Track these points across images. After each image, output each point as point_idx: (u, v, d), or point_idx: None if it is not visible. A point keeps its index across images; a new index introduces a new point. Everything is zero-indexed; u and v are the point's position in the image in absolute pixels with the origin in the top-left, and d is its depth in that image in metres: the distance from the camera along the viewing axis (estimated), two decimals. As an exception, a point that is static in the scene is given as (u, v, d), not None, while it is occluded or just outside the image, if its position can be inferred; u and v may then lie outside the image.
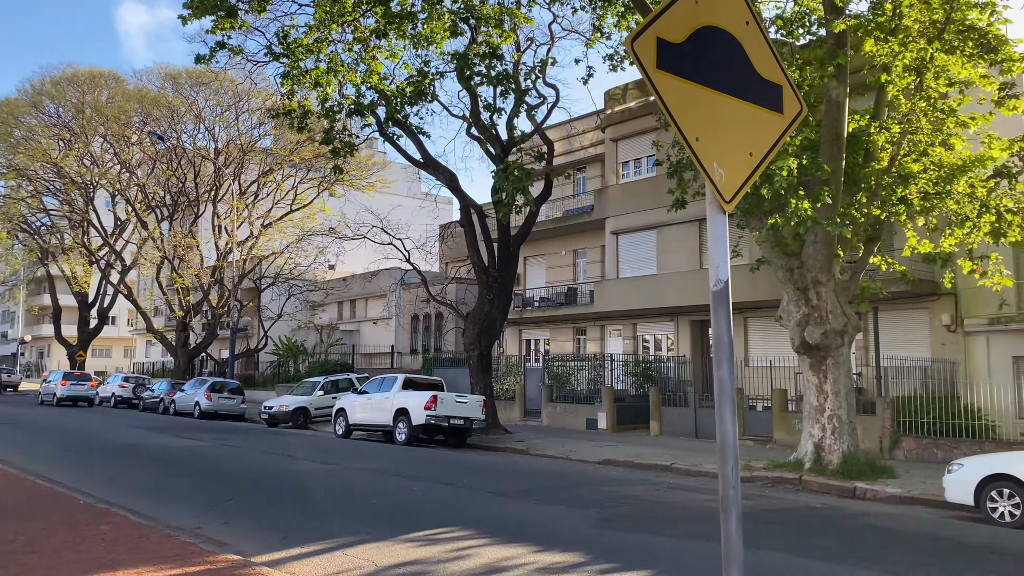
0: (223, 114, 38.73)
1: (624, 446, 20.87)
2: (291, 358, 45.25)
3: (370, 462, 15.39)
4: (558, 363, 27.91)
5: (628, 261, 28.86)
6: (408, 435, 20.87)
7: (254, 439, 20.35)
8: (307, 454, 16.64)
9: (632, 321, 29.94)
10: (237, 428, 25.34)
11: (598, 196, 30.14)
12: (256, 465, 14.14)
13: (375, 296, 47.04)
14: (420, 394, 21.34)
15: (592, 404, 26.10)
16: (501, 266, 23.79)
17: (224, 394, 31.47)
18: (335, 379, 30.23)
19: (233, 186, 39.25)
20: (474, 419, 21.26)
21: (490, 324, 23.76)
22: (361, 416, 22.84)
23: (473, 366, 23.71)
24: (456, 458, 17.60)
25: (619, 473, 16.27)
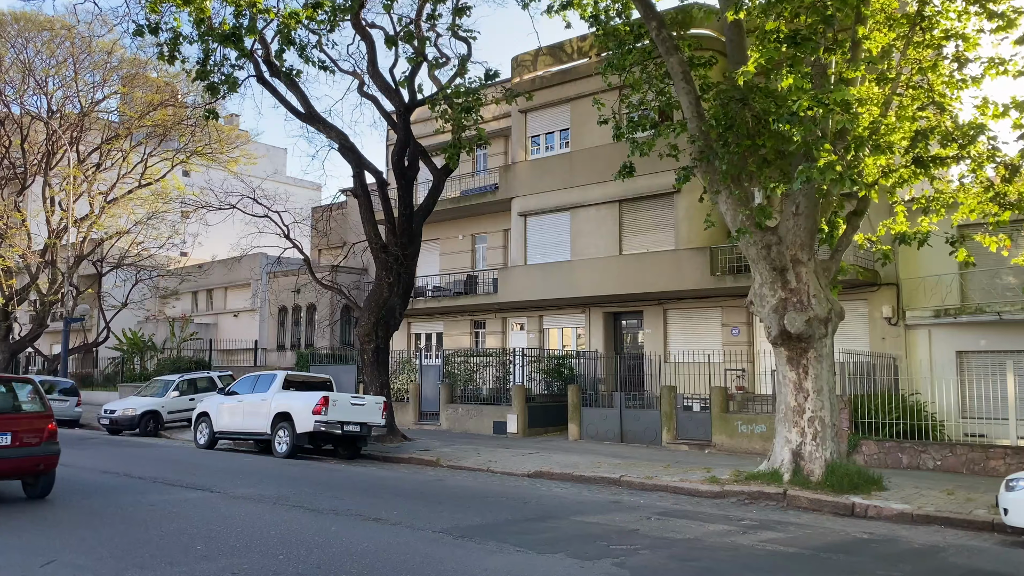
0: (59, 66, 32.86)
1: (549, 454, 18.00)
2: (137, 354, 39.57)
3: (254, 485, 11.70)
4: (460, 359, 24.71)
5: (537, 246, 26.04)
6: (291, 445, 17.10)
7: (91, 452, 15.99)
8: (166, 473, 12.69)
9: (538, 313, 27.19)
10: (70, 437, 20.54)
11: (503, 174, 27.17)
12: (96, 497, 10.18)
13: (236, 285, 42.07)
14: (306, 395, 17.61)
15: (499, 405, 23.10)
16: (402, 244, 20.36)
17: (55, 395, 26.15)
18: (192, 377, 25.75)
19: (70, 154, 33.45)
20: (373, 424, 17.77)
21: (388, 312, 20.29)
22: (229, 422, 18.80)
23: (368, 361, 20.15)
24: (359, 475, 14.11)
25: (565, 490, 13.33)
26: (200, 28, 15.38)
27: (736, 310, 22.85)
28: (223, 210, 22.39)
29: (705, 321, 23.55)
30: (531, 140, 26.66)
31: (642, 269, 23.14)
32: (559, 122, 25.86)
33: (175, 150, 37.21)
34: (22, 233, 35.05)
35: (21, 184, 35.22)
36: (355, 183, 20.90)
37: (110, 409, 23.87)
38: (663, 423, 19.88)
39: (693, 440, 19.39)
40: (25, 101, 34.08)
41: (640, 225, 23.86)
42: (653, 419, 20.34)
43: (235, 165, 39.32)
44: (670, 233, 23.18)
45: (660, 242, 23.35)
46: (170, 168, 37.18)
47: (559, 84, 25.61)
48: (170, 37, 15.24)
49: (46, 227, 34.71)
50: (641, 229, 23.83)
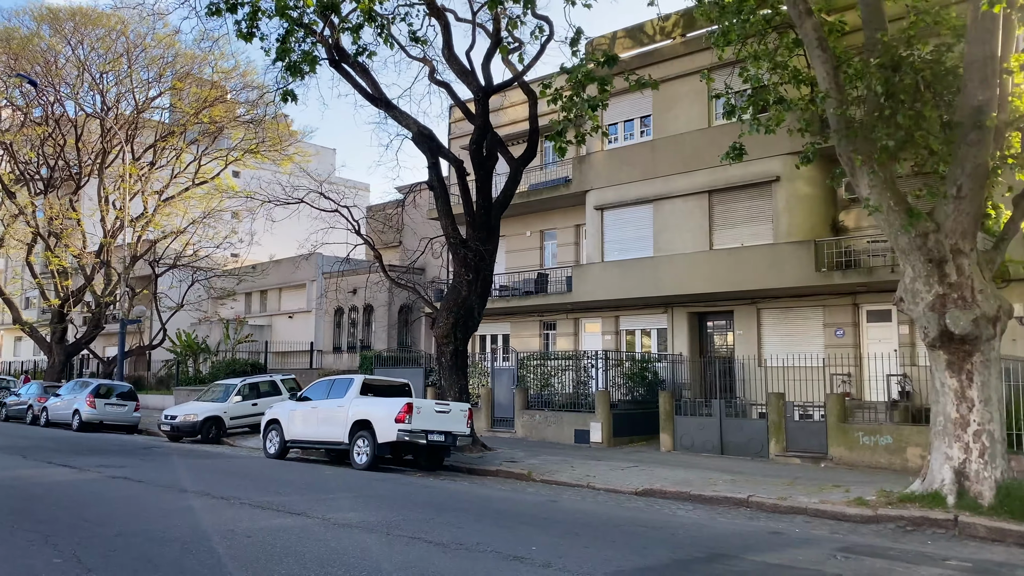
0: (115, 61, 32.07)
1: (648, 468, 16.39)
2: (191, 356, 38.77)
3: (352, 508, 10.31)
4: (535, 362, 23.19)
5: (615, 241, 24.43)
6: (372, 456, 15.72)
7: (160, 464, 14.77)
8: (248, 491, 11.36)
9: (615, 313, 25.57)
10: (131, 445, 19.46)
11: (577, 165, 25.59)
12: (178, 518, 8.85)
13: (291, 286, 41.15)
14: (388, 401, 16.22)
15: (579, 412, 21.53)
16: (481, 239, 18.90)
17: (112, 400, 25.27)
18: (255, 381, 24.59)
19: (126, 152, 32.64)
20: (458, 434, 16.30)
21: (467, 312, 18.83)
22: (302, 430, 17.50)
23: (446, 364, 18.72)
24: (458, 493, 12.65)
25: (696, 514, 11.72)
26: (279, 3, 14.08)
27: (840, 309, 21.00)
28: (290, 204, 21.14)
29: (805, 322, 21.72)
30: (608, 128, 25.03)
31: (735, 265, 21.40)
32: (639, 109, 24.23)
33: (227, 149, 36.34)
34: (77, 234, 34.42)
35: (76, 184, 34.57)
36: (430, 175, 19.51)
37: (171, 415, 22.80)
38: (770, 433, 18.14)
39: (805, 452, 17.61)
40: (80, 99, 33.41)
41: (733, 217, 22.12)
42: (758, 429, 18.60)
43: (288, 164, 38.36)
44: (767, 226, 21.42)
45: (756, 236, 21.60)
46: (224, 167, 36.33)
47: (639, 68, 23.80)
48: (248, 12, 13.98)
49: (101, 227, 34.02)
50: (734, 222, 22.10)
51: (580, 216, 26.73)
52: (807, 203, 21.07)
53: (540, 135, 20.93)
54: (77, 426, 24.63)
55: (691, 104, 22.74)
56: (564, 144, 15.88)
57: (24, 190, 36.37)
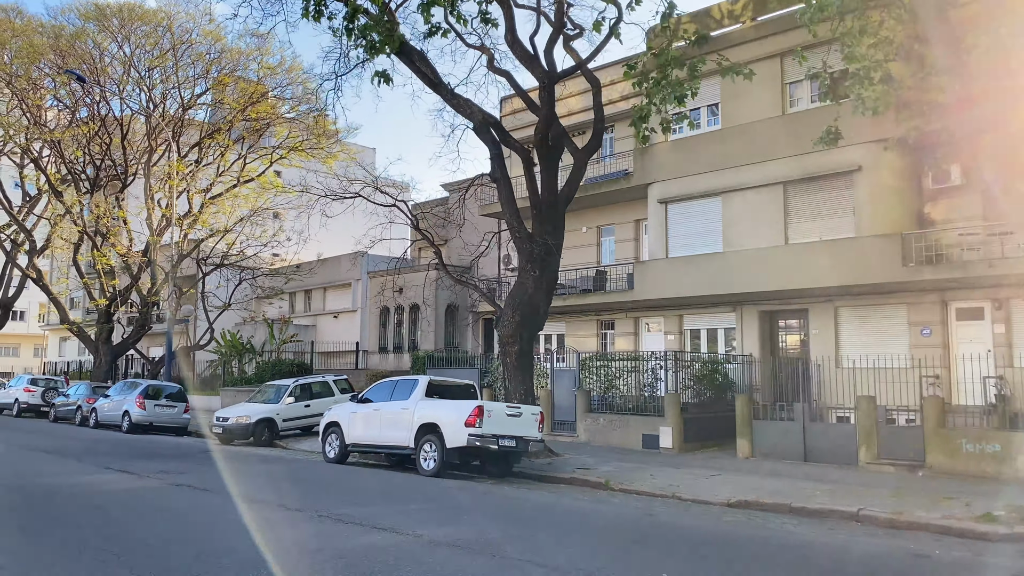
0: (161, 57, 31.64)
1: (733, 476, 15.34)
2: (235, 357, 38.31)
3: (432, 519, 9.44)
4: (598, 363, 22.17)
5: (681, 236, 23.32)
6: (440, 462, 14.83)
7: (221, 470, 14.01)
8: (322, 500, 10.53)
9: (678, 312, 24.46)
10: (185, 449, 18.81)
11: (639, 157, 24.52)
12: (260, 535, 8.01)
13: (336, 285, 40.54)
14: (456, 404, 15.33)
15: (647, 415, 20.45)
16: (548, 233, 17.96)
17: (161, 401, 24.74)
18: (307, 382, 23.88)
19: (173, 148, 32.20)
20: (529, 439, 15.35)
21: (532, 311, 17.89)
22: (364, 433, 16.68)
23: (511, 365, 17.78)
24: (546, 505, 11.71)
25: (809, 530, 10.64)
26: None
27: (928, 307, 19.71)
28: (347, 198, 20.38)
29: (887, 320, 20.44)
30: (673, 117, 23.88)
31: (812, 260, 20.21)
32: (706, 96, 23.06)
33: (271, 147, 35.82)
34: (123, 233, 34.13)
35: (122, 183, 34.26)
36: (493, 166, 18.60)
37: (222, 417, 22.16)
38: (859, 439, 16.93)
39: (899, 460, 16.38)
40: (125, 96, 33.05)
41: (810, 210, 20.92)
42: (845, 435, 17.41)
43: (332, 161, 37.76)
44: (848, 219, 20.19)
45: (835, 229, 20.38)
46: (269, 165, 35.80)
47: (705, 54, 22.75)
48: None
49: (146, 226, 33.69)
50: (812, 215, 20.89)
51: (640, 211, 25.66)
52: (891, 194, 19.82)
53: (605, 124, 19.98)
54: (127, 428, 24.13)
55: (763, 91, 21.56)
56: (647, 131, 14.84)
57: (71, 189, 36.20)
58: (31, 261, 35.53)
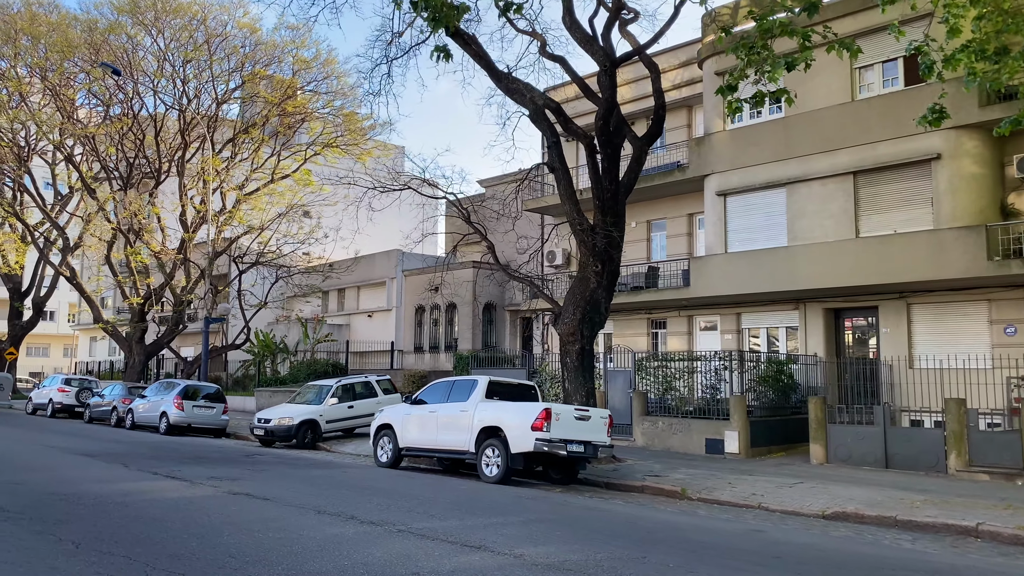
0: (196, 50, 30.98)
1: (816, 484, 14.26)
2: (268, 357, 37.64)
3: (523, 536, 8.51)
4: (655, 363, 21.14)
5: (741, 230, 22.21)
6: (504, 468, 13.88)
7: (274, 476, 13.15)
8: (393, 513, 9.61)
9: (735, 310, 23.37)
10: (230, 452, 18.01)
11: (694, 148, 23.44)
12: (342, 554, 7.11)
13: (369, 284, 39.71)
14: (521, 407, 14.40)
15: (710, 419, 19.40)
16: (610, 225, 16.97)
17: (199, 402, 24.01)
18: (350, 382, 23.06)
19: (208, 143, 31.57)
20: (598, 444, 14.37)
21: (593, 307, 16.90)
22: (418, 436, 15.77)
23: (571, 365, 16.79)
24: (633, 517, 10.73)
25: (933, 549, 9.59)
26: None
27: (1012, 304, 18.51)
28: (396, 191, 19.48)
29: (966, 318, 19.24)
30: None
31: (885, 255, 19.05)
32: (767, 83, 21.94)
33: (305, 144, 35.10)
34: (157, 230, 33.56)
35: (156, 180, 33.68)
36: (550, 155, 17.65)
37: (264, 418, 21.37)
38: (948, 445, 15.78)
39: (994, 467, 15.23)
40: (159, 91, 32.45)
41: (883, 201, 19.75)
42: (932, 440, 16.28)
43: (367, 158, 37.01)
44: (925, 210, 19.02)
45: (911, 221, 19.21)
46: (303, 161, 35.08)
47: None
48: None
49: (180, 224, 33.09)
50: (885, 206, 19.73)
51: (694, 204, 24.61)
52: (973, 183, 18.62)
53: (667, 110, 18.96)
54: (165, 429, 23.42)
55: (831, 76, 20.44)
56: (739, 103, 13.82)
57: (103, 187, 35.72)
58: (64, 259, 35.04)
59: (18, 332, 44.10)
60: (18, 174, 34.74)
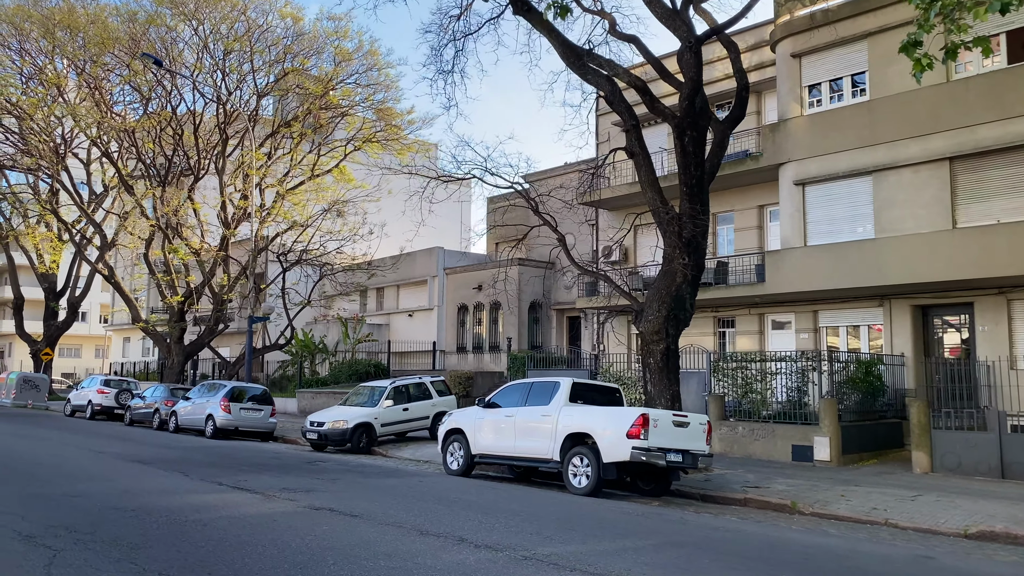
0: (239, 40, 30.02)
1: (944, 497, 12.89)
2: (308, 357, 36.68)
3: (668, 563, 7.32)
4: (732, 365, 19.81)
5: (821, 222, 20.83)
6: (596, 479, 12.65)
7: (347, 487, 12.01)
8: (502, 533, 8.44)
9: (812, 307, 21.98)
10: (288, 458, 16.93)
11: (768, 135, 22.07)
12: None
13: (410, 283, 38.64)
14: (612, 412, 13.19)
15: (795, 424, 18.05)
16: (697, 213, 15.70)
17: (246, 404, 23.00)
18: (404, 384, 21.92)
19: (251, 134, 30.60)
20: (697, 453, 13.10)
21: (679, 303, 15.63)
22: (493, 443, 14.58)
23: (655, 367, 15.53)
24: (754, 536, 9.49)
25: None
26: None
27: None
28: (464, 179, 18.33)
29: (1076, 314, 17.76)
30: (808, 90, 21.46)
31: (987, 246, 17.60)
32: (849, 65, 20.59)
33: (345, 140, 34.09)
34: (196, 228, 32.70)
35: (195, 176, 32.82)
36: (629, 139, 16.43)
37: (317, 421, 20.30)
38: (1078, 454, 14.36)
39: None
40: (199, 83, 31.56)
41: (984, 189, 18.29)
42: (1057, 447, 14.84)
43: (406, 154, 35.96)
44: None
45: (1018, 210, 17.73)
46: (343, 156, 34.07)
47: (849, 17, 20.33)
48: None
49: (219, 221, 32.20)
50: (986, 194, 18.26)
51: (764, 195, 23.26)
52: (1088, 167, 17.13)
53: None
54: (211, 433, 22.43)
55: (921, 56, 18.99)
56: (927, 60, 12.39)
57: (140, 184, 34.94)
58: (102, 257, 34.29)
59: (53, 332, 43.56)
60: (55, 170, 34.01)
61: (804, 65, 21.40)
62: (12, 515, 8.32)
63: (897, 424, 19.41)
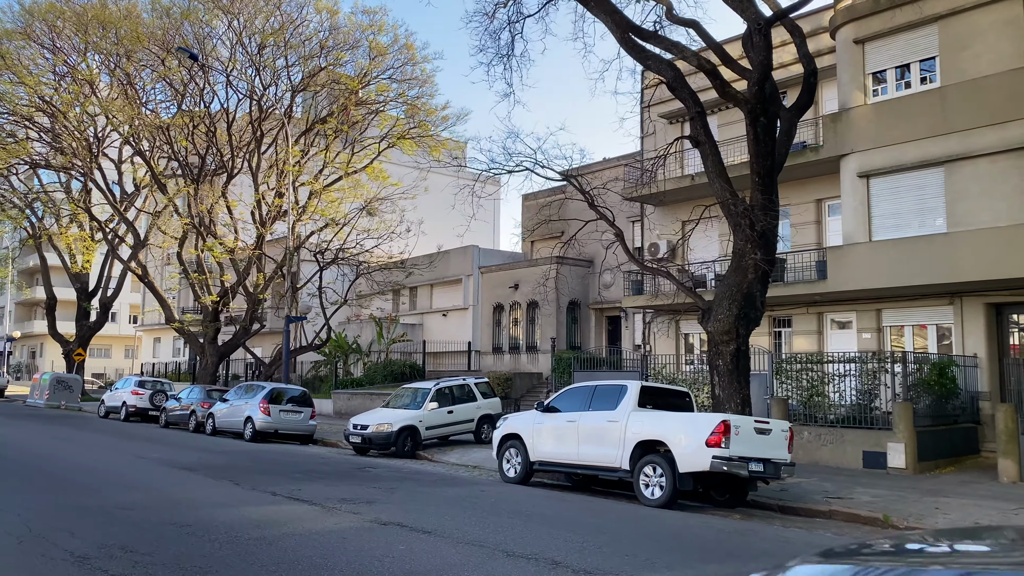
0: (276, 33, 29.40)
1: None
2: (341, 358, 36.07)
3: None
4: (796, 366, 18.84)
5: (887, 216, 19.79)
6: (671, 490, 11.78)
7: (406, 497, 11.24)
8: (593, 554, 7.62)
9: (875, 305, 20.93)
10: (337, 464, 16.21)
11: (829, 125, 21.05)
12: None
13: (443, 282, 37.91)
14: (687, 418, 12.36)
15: (866, 428, 17.06)
16: (770, 205, 14.81)
17: (285, 406, 22.35)
18: (448, 385, 21.16)
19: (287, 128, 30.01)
20: (779, 462, 12.19)
21: (749, 301, 14.73)
22: (554, 450, 13.76)
23: (723, 369, 14.63)
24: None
25: None
26: None
27: None
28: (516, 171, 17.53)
29: None
30: (872, 77, 20.42)
31: (1073, 240, 16.52)
32: (917, 50, 19.54)
33: (379, 137, 33.43)
34: (231, 226, 32.19)
35: (228, 174, 32.31)
36: (694, 127, 15.54)
37: (361, 424, 19.59)
38: None
39: None
40: (232, 79, 31.00)
41: (1071, 179, 17.21)
42: None
43: (439, 151, 35.25)
44: None
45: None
46: (377, 153, 33.42)
47: (916, 0, 19.27)
48: None
49: (252, 220, 31.65)
50: (1072, 184, 17.18)
51: (824, 188, 22.24)
52: None
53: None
54: (250, 436, 21.79)
55: (997, 39, 17.97)
56: None
57: (172, 182, 34.53)
58: (136, 256, 33.88)
59: (85, 333, 43.33)
60: (89, 168, 33.65)
61: (867, 51, 20.36)
62: (61, 531, 7.64)
63: (972, 429, 18.37)
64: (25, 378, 70.75)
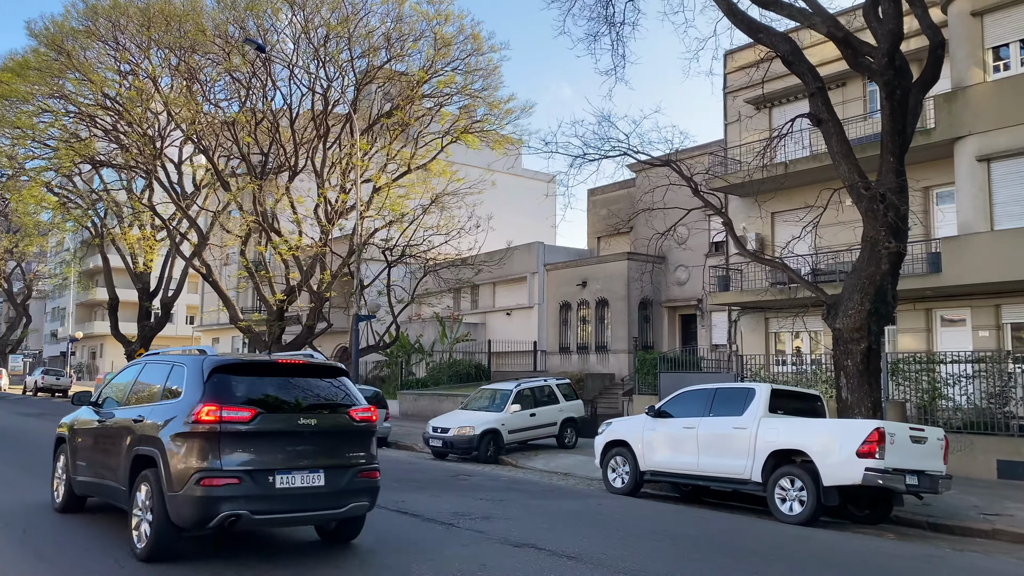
0: (343, 23, 28.59)
1: None
2: (403, 358, 35.20)
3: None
4: (917, 366, 17.31)
5: (1009, 203, 18.14)
6: (814, 506, 10.47)
7: (522, 512, 10.12)
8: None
9: (993, 301, 19.25)
10: (431, 471, 15.19)
11: (944, 105, 19.42)
12: None
13: (507, 280, 36.80)
14: (835, 425, 11.07)
15: (1000, 435, 15.50)
16: (900, 188, 13.41)
17: (357, 408, 21.42)
18: (530, 386, 20.06)
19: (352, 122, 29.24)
20: (935, 474, 10.81)
21: (881, 296, 13.33)
22: (669, 459, 12.52)
23: (852, 370, 13.22)
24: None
25: None
26: None
27: None
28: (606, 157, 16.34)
29: None
30: (992, 52, 18.77)
31: None
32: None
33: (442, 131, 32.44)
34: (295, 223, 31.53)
35: (292, 171, 31.66)
36: (814, 104, 14.15)
37: (441, 427, 18.59)
38: None
39: None
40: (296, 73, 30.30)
41: None
42: None
43: (502, 147, 34.18)
44: None
45: None
46: (440, 149, 32.43)
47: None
48: None
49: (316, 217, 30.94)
50: None
51: (932, 175, 20.62)
52: None
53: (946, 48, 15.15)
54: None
55: None
56: None
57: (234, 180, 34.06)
58: (200, 255, 33.44)
59: (147, 333, 43.20)
60: (152, 166, 33.34)
61: (987, 24, 18.72)
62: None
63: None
64: (87, 378, 71.66)
